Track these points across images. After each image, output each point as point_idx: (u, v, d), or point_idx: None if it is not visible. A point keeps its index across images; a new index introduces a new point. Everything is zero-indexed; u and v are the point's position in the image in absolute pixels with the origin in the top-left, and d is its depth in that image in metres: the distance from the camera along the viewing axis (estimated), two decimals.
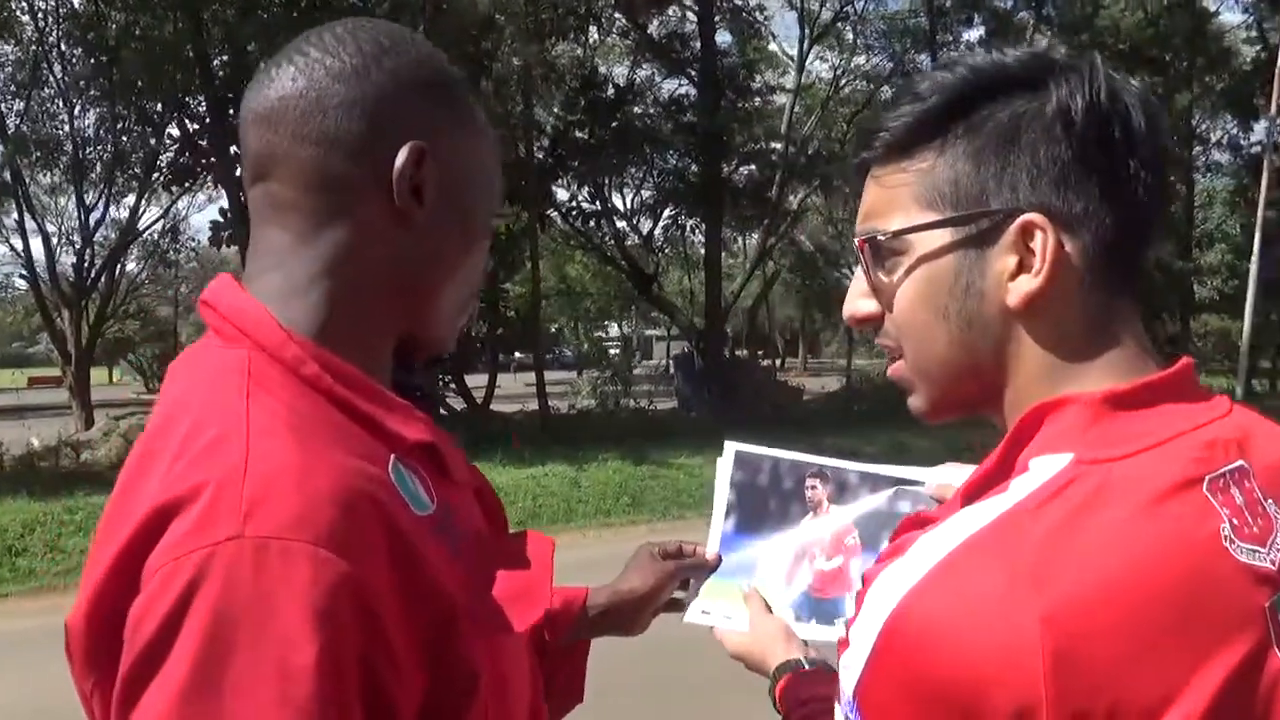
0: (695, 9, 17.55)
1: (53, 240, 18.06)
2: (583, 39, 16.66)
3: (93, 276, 17.14)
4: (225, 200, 13.16)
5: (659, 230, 19.38)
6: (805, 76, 20.94)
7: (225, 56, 12.91)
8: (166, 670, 0.59)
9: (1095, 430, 0.66)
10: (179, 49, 12.26)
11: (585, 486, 11.03)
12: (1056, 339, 0.70)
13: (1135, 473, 0.63)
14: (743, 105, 18.45)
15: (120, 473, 0.72)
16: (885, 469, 1.26)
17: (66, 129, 16.27)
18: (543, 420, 14.77)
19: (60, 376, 18.91)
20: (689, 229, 19.02)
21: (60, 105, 16.14)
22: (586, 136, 15.80)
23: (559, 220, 17.62)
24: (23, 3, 14.39)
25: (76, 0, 14.41)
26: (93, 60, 14.11)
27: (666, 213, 18.76)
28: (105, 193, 17.07)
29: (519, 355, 22.75)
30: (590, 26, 16.22)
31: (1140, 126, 0.69)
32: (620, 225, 18.50)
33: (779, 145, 19.13)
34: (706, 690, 3.79)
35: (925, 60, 20.26)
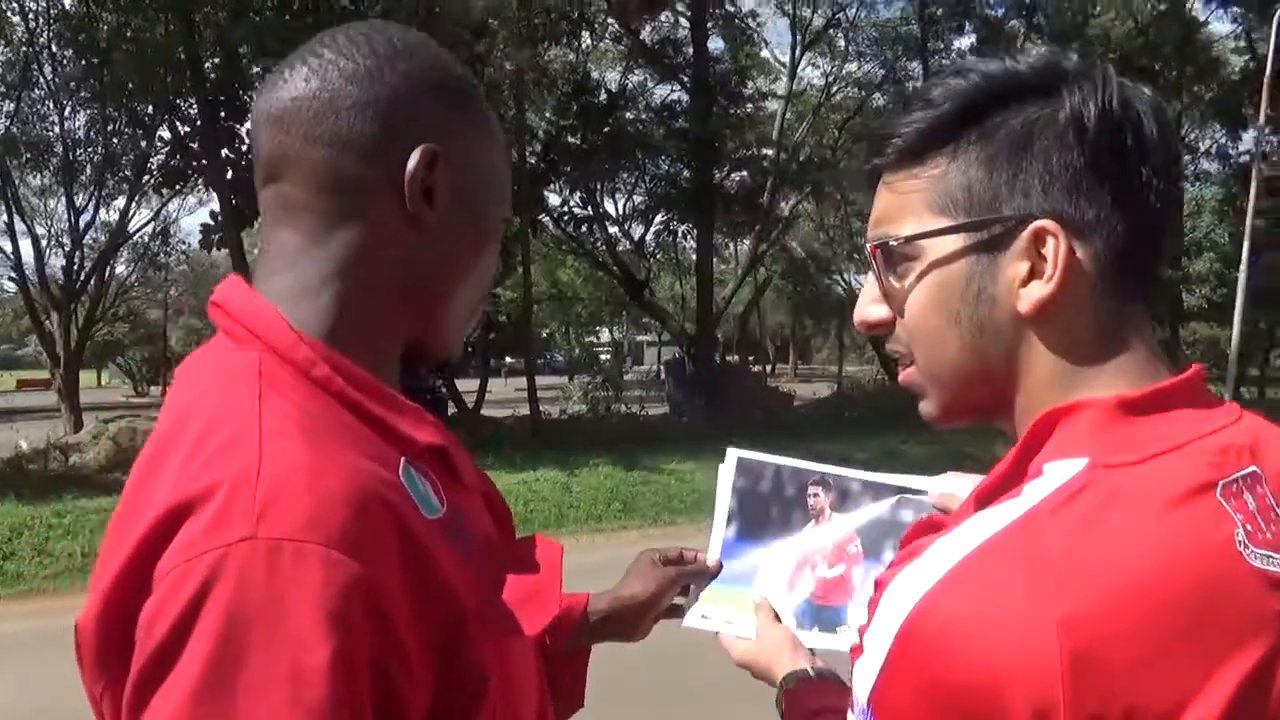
0: (688, 15, 17.58)
1: (42, 242, 17.96)
2: (575, 44, 16.66)
3: (82, 279, 17.06)
4: (216, 203, 13.11)
5: (651, 236, 19.38)
6: (797, 83, 20.96)
7: (217, 59, 12.88)
8: (178, 672, 0.59)
9: (1109, 435, 0.66)
10: (170, 51, 12.21)
11: (576, 492, 11.01)
12: (1068, 345, 0.71)
13: (1150, 477, 0.63)
14: (735, 111, 18.46)
15: (130, 474, 0.72)
16: (888, 478, 1.26)
17: (57, 130, 16.21)
18: (534, 425, 14.74)
19: (49, 379, 18.83)
20: (681, 234, 19.00)
21: (50, 107, 16.06)
22: (579, 141, 15.80)
23: (551, 225, 17.61)
24: (13, 3, 14.34)
25: (68, 1, 14.36)
26: (84, 62, 14.05)
27: (658, 218, 18.75)
28: (95, 195, 16.98)
29: (510, 360, 22.72)
30: (583, 31, 16.22)
31: (1152, 134, 0.69)
32: (612, 230, 18.51)
33: (771, 151, 19.14)
34: (708, 695, 3.78)
35: (916, 67, 20.34)
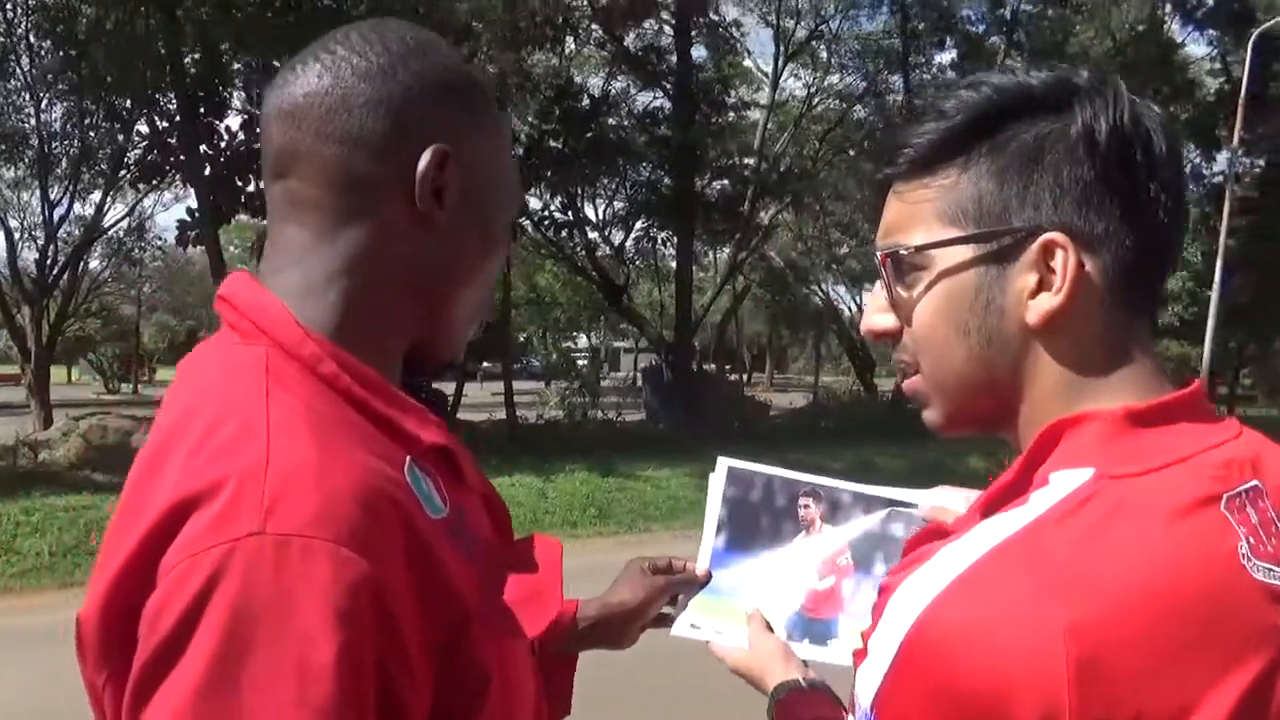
0: (672, 23, 17.63)
1: (15, 235, 17.76)
2: (559, 49, 16.65)
3: (55, 273, 16.84)
4: (193, 199, 12.99)
5: (630, 242, 19.40)
6: (779, 93, 21.06)
7: (197, 54, 12.78)
8: (183, 666, 0.59)
9: (1115, 446, 0.67)
10: (150, 45, 12.12)
11: (552, 497, 10.98)
12: (1074, 357, 0.71)
13: (1156, 488, 0.64)
14: (717, 120, 18.51)
15: (132, 468, 0.71)
16: (879, 490, 1.26)
17: (33, 123, 16.02)
18: (510, 430, 14.70)
19: (19, 374, 18.55)
20: (660, 241, 19.03)
21: (27, 98, 15.86)
22: (560, 146, 15.78)
23: (531, 229, 17.58)
24: None
25: None
26: (62, 54, 13.90)
27: (638, 225, 18.76)
28: (70, 188, 16.78)
29: (486, 364, 22.64)
30: (567, 36, 16.23)
31: (1161, 151, 0.70)
32: (592, 236, 18.50)
33: (752, 161, 19.21)
34: (700, 700, 3.78)
35: (898, 81, 20.48)
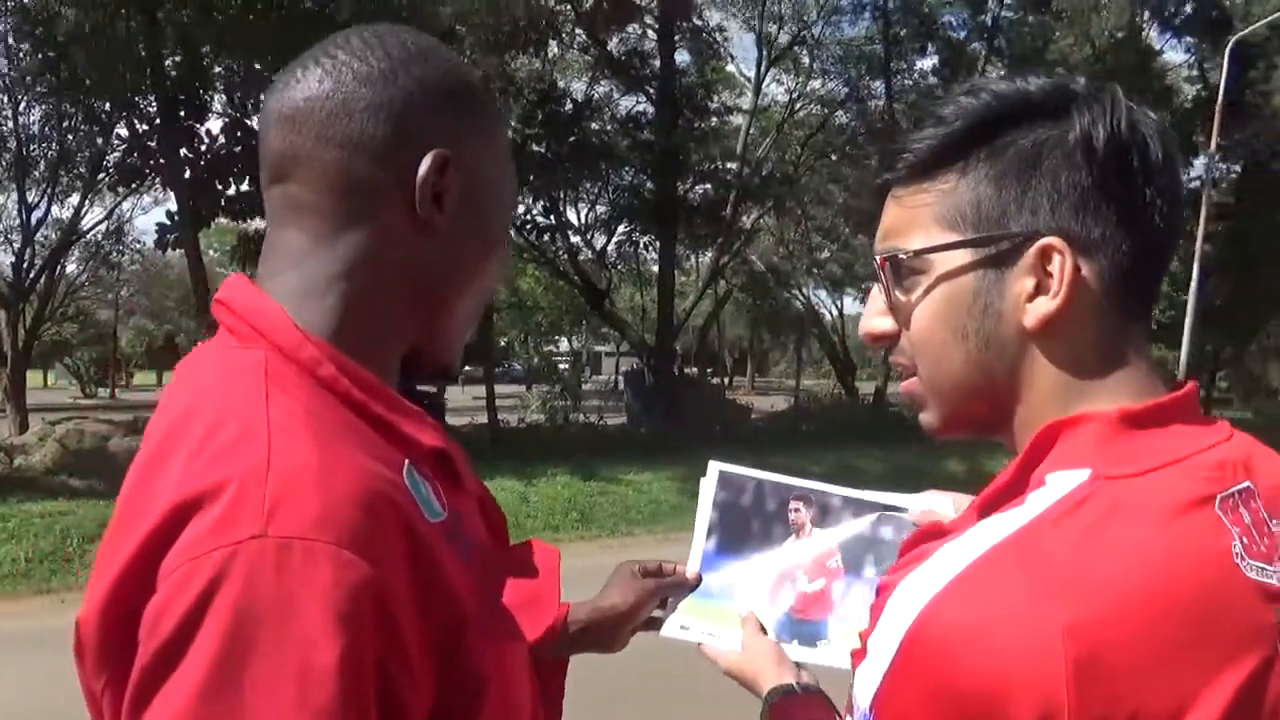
0: (655, 28, 17.64)
1: None
2: (543, 53, 16.64)
3: (32, 277, 16.70)
4: (173, 203, 12.91)
5: (613, 246, 19.38)
6: (761, 99, 21.11)
7: (178, 57, 12.70)
8: (184, 669, 0.59)
9: (1111, 447, 0.68)
10: (131, 48, 12.03)
11: (534, 501, 10.96)
12: (1071, 360, 0.72)
13: (1151, 489, 0.65)
14: (700, 125, 18.53)
15: (130, 471, 0.71)
16: (869, 495, 1.27)
17: (10, 125, 15.87)
18: (492, 434, 14.66)
19: None
20: (643, 246, 19.03)
21: (5, 100, 15.73)
22: (543, 150, 15.76)
23: (513, 233, 17.55)
24: None
25: None
26: (41, 56, 13.77)
27: (621, 229, 18.74)
28: (48, 191, 16.65)
29: (468, 368, 22.58)
30: (550, 41, 16.21)
31: (1158, 157, 0.71)
32: (574, 240, 18.47)
33: (734, 165, 19.24)
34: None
35: (880, 87, 20.57)
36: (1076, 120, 0.71)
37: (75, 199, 16.91)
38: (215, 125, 12.84)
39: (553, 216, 17.49)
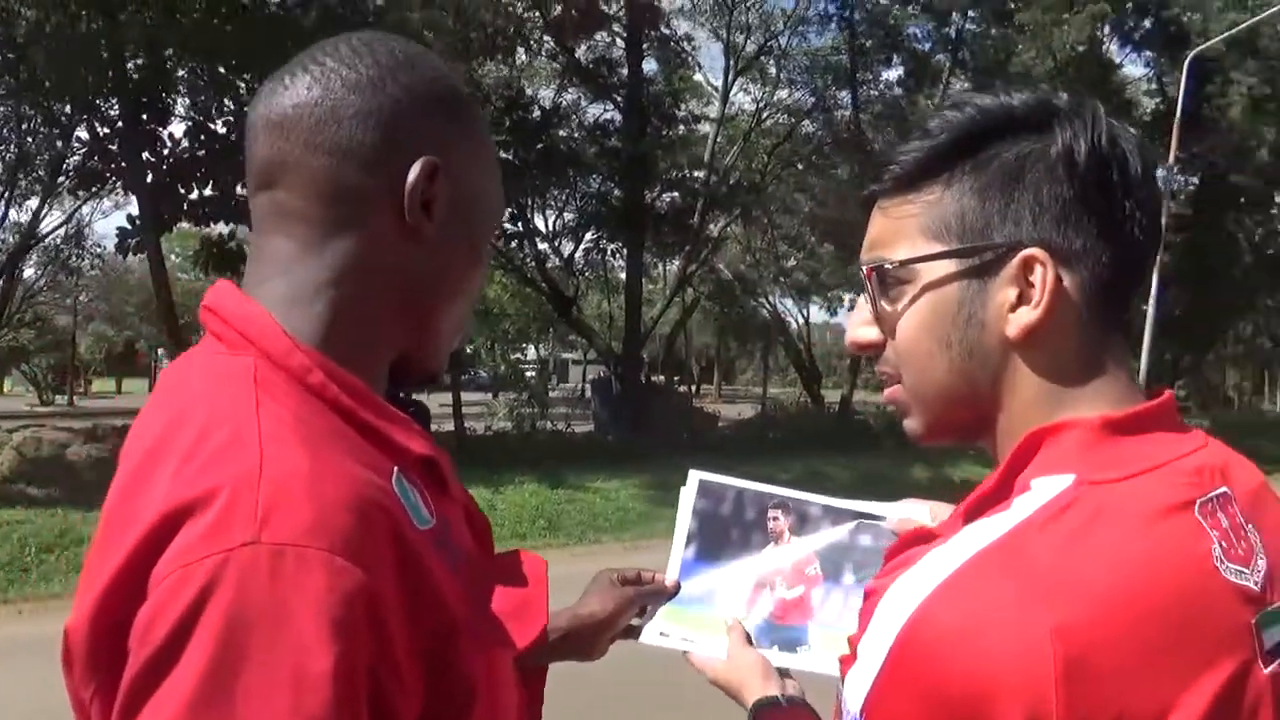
0: (623, 36, 17.70)
1: None
2: (510, 60, 16.64)
3: None
4: (134, 207, 12.74)
5: (580, 253, 19.38)
6: (729, 107, 21.21)
7: (141, 60, 12.55)
8: (175, 677, 0.58)
9: (1094, 453, 0.69)
10: (92, 49, 11.86)
11: (501, 509, 10.91)
12: (1052, 370, 0.73)
13: (1133, 494, 0.66)
14: (667, 133, 18.61)
15: (117, 478, 0.70)
16: (847, 503, 1.28)
17: None
18: (459, 441, 14.59)
19: None
20: (610, 253, 19.05)
21: None
22: (511, 157, 15.74)
23: None
24: None
25: None
26: None
27: (588, 236, 18.78)
28: (6, 195, 16.40)
29: None
30: (518, 48, 16.21)
31: (1137, 171, 0.73)
32: (541, 247, 18.45)
33: (701, 174, 19.32)
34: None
35: (846, 97, 20.75)
36: (1059, 134, 0.72)
37: (34, 202, 16.69)
38: (178, 129, 12.69)
39: (520, 223, 17.46)
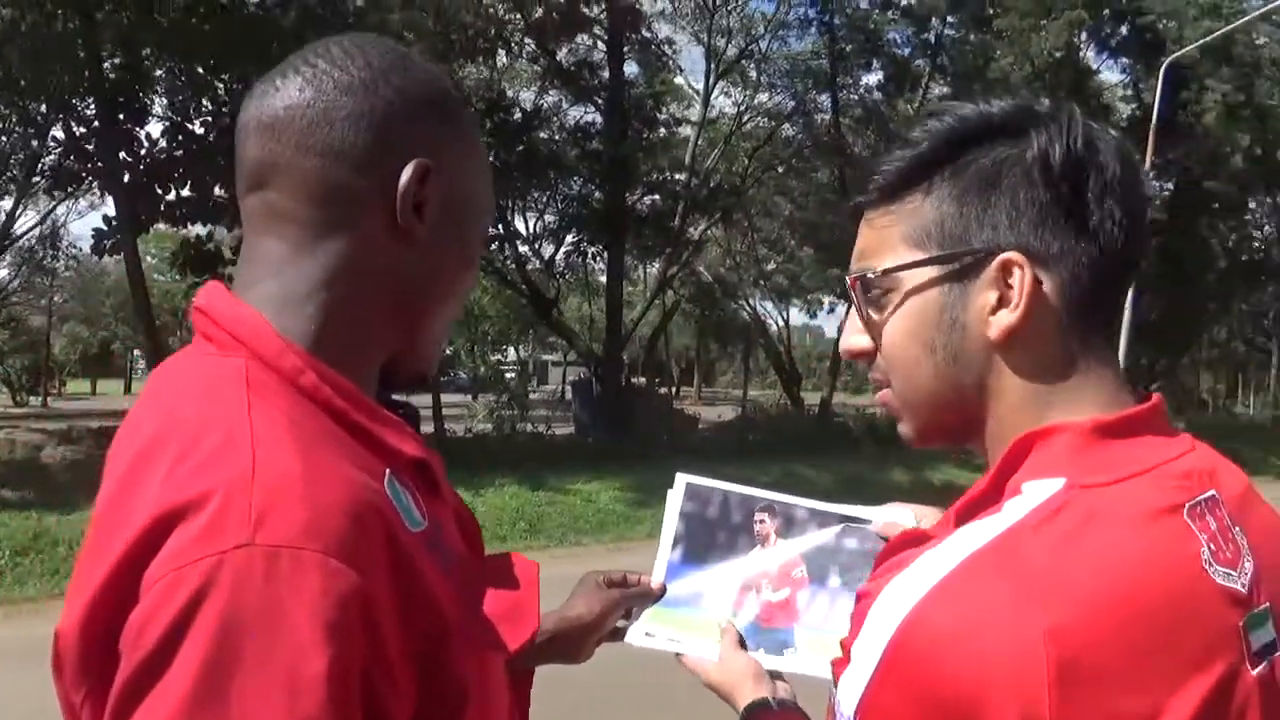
0: (605, 39, 17.70)
1: None
2: (491, 62, 16.59)
3: None
4: (110, 207, 12.63)
5: (561, 255, 19.36)
6: (710, 111, 21.26)
7: (118, 59, 12.44)
8: (169, 680, 0.58)
9: (1085, 457, 0.70)
10: (68, 48, 11.75)
11: (482, 511, 10.86)
12: (1036, 372, 0.74)
13: (1124, 497, 0.67)
14: (648, 135, 18.63)
15: (107, 480, 0.70)
16: (833, 507, 1.29)
17: None
18: (439, 443, 14.53)
19: None
20: (591, 255, 19.03)
21: None
22: (491, 159, 15.63)
23: None
24: None
25: None
26: None
27: (569, 238, 18.75)
28: None
29: None
30: (499, 50, 16.17)
31: (1115, 173, 0.73)
32: (522, 249, 18.42)
33: (682, 176, 19.34)
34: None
35: (826, 100, 20.83)
36: (1034, 139, 0.74)
37: (8, 203, 16.53)
38: (155, 129, 12.59)
39: (501, 225, 17.42)
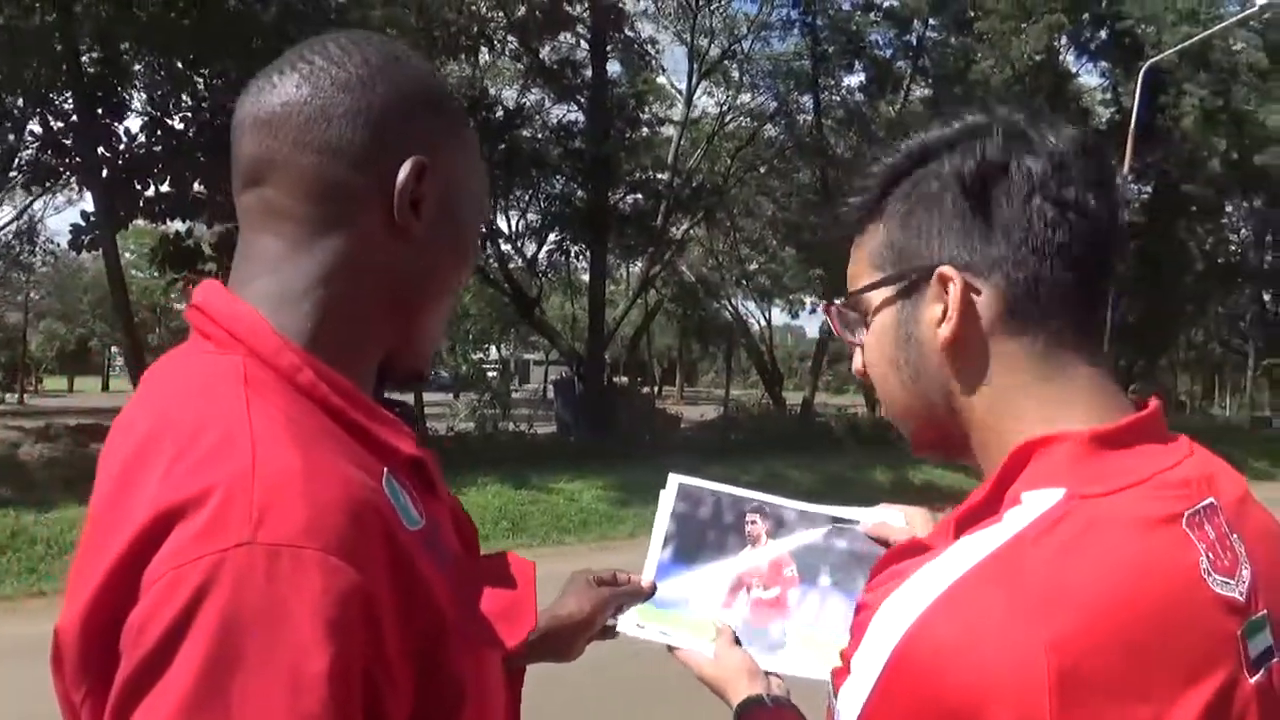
0: (588, 38, 17.69)
1: None
2: (473, 60, 16.56)
3: None
4: (88, 203, 12.54)
5: (543, 254, 19.35)
6: (692, 110, 21.32)
7: (96, 53, 12.33)
8: (169, 678, 0.57)
9: (1083, 467, 0.70)
10: (46, 42, 11.64)
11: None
12: (996, 378, 0.75)
13: (1123, 507, 0.67)
14: (631, 135, 18.64)
15: (103, 478, 0.69)
16: (823, 508, 1.31)
17: None
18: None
19: None
20: (573, 254, 19.03)
21: None
22: None
23: None
24: None
25: None
26: None
27: (551, 237, 18.74)
28: None
29: None
30: (482, 48, 16.14)
31: (1044, 170, 0.74)
32: (505, 248, 18.39)
33: (665, 176, 19.36)
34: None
35: (808, 101, 20.90)
36: (959, 154, 0.76)
37: None
38: (134, 124, 12.50)
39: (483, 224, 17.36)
